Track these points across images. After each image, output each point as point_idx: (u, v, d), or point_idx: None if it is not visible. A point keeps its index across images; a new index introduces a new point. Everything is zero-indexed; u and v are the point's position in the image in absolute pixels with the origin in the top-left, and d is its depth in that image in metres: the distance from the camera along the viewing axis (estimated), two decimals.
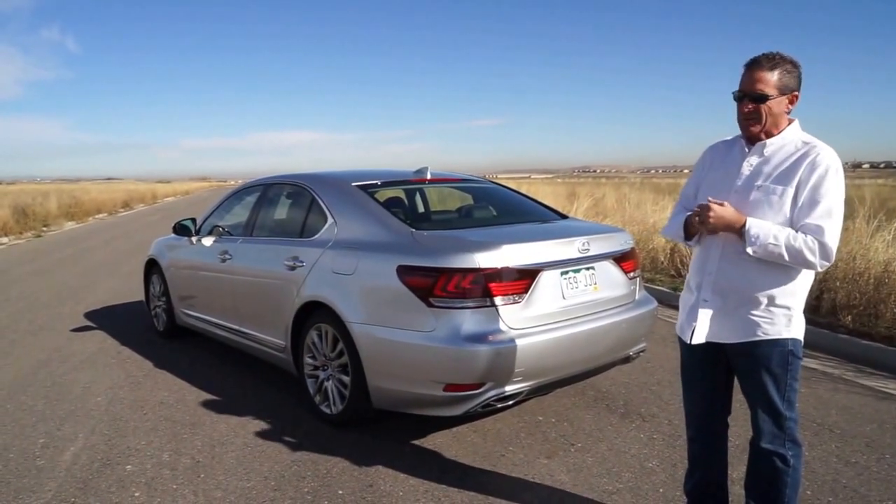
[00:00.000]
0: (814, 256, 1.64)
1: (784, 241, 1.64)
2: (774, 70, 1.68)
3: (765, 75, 1.67)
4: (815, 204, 1.65)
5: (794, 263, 1.67)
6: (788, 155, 1.71)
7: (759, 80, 1.67)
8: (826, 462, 2.60)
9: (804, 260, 1.65)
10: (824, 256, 1.64)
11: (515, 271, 2.56)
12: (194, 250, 4.18)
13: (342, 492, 2.41)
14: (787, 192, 1.68)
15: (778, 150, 1.73)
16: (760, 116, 1.70)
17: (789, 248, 1.64)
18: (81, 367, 4.05)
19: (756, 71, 1.68)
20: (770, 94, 1.68)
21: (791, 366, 1.75)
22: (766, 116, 1.70)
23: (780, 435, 1.78)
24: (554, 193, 13.64)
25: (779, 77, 1.68)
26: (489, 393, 2.51)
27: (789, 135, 1.73)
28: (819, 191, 1.65)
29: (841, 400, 3.30)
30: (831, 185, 1.65)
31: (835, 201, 1.66)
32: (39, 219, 15.62)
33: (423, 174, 3.53)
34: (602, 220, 8.56)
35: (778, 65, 1.68)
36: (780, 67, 1.68)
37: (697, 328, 1.82)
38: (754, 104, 1.69)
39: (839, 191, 1.67)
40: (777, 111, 1.71)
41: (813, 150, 1.69)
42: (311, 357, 3.10)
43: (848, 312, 4.43)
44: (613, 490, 2.40)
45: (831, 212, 1.65)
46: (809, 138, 1.73)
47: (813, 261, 1.64)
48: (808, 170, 1.66)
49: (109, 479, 2.54)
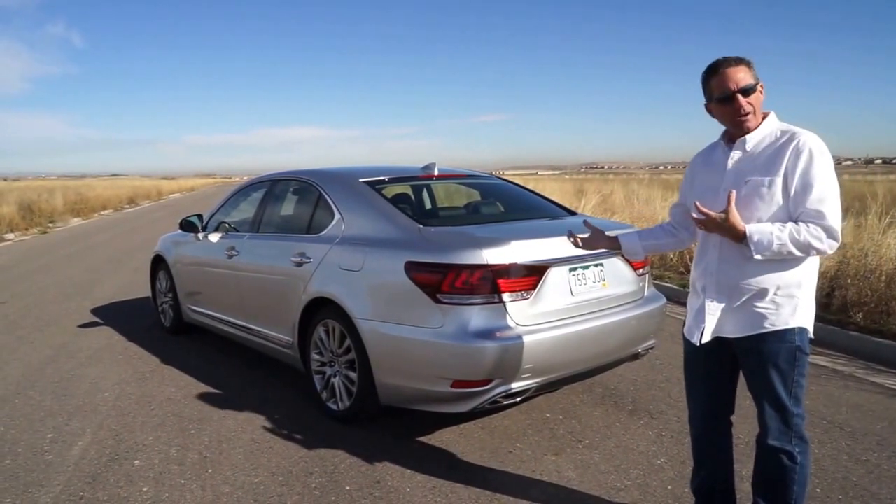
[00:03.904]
0: (821, 243, 1.65)
1: (788, 238, 1.64)
2: (741, 65, 1.71)
3: (740, 69, 1.70)
4: (808, 189, 1.65)
5: (806, 255, 1.68)
6: (770, 145, 1.72)
7: (738, 73, 1.69)
8: (836, 460, 2.57)
9: (814, 249, 1.66)
10: (832, 238, 1.65)
11: (524, 268, 2.54)
12: (201, 247, 4.18)
13: (349, 487, 2.41)
14: (776, 182, 1.68)
15: (759, 142, 1.74)
16: (755, 109, 1.72)
17: (796, 243, 1.64)
18: (89, 362, 4.06)
19: (729, 69, 1.70)
20: (756, 83, 1.70)
21: (798, 361, 1.74)
22: (756, 107, 1.72)
23: (787, 432, 1.76)
24: (561, 190, 13.58)
25: (747, 68, 1.71)
26: (497, 390, 2.50)
27: (767, 127, 1.75)
28: (809, 175, 1.65)
29: (851, 397, 3.27)
30: (819, 167, 1.65)
31: (827, 182, 1.65)
32: (45, 215, 15.71)
33: (430, 170, 3.52)
34: (610, 216, 8.51)
35: (741, 61, 1.71)
36: (743, 62, 1.71)
37: (707, 327, 1.82)
38: (747, 98, 1.70)
39: (829, 171, 1.67)
40: (760, 101, 1.74)
41: (794, 136, 1.69)
42: (318, 353, 3.10)
43: (859, 309, 4.39)
44: (621, 487, 2.38)
45: (826, 193, 1.65)
46: (787, 126, 1.74)
47: (822, 247, 1.65)
48: (793, 156, 1.67)
49: (118, 474, 2.55)
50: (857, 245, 4.74)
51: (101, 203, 21.30)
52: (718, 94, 1.72)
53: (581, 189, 13.28)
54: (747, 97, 1.70)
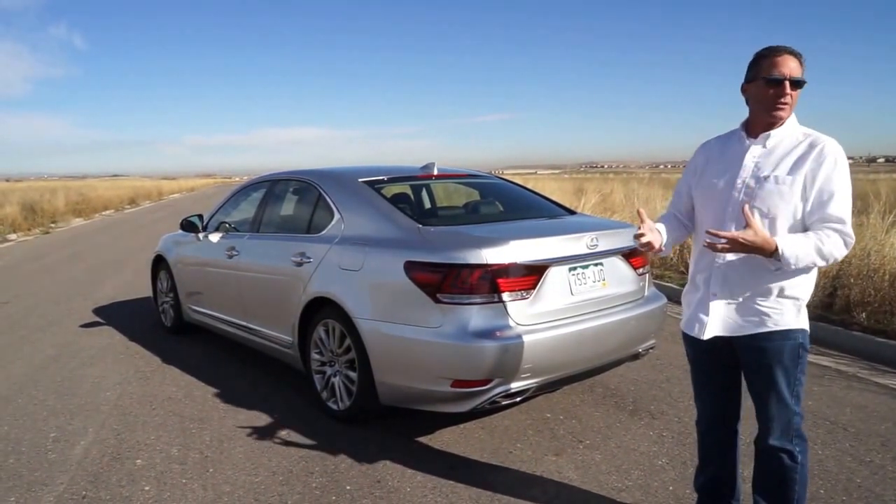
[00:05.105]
0: (840, 252, 1.66)
1: (814, 249, 1.64)
2: (799, 58, 1.71)
3: (796, 60, 1.70)
4: (831, 195, 1.66)
5: (826, 264, 1.69)
6: (792, 146, 1.72)
7: (797, 67, 1.70)
8: (840, 461, 2.56)
9: (833, 258, 1.67)
10: (847, 247, 1.68)
11: (523, 267, 2.54)
12: (201, 246, 4.19)
13: (350, 487, 2.41)
14: (797, 182, 1.69)
15: (781, 141, 1.74)
16: (793, 103, 1.72)
17: (820, 254, 1.64)
18: (91, 362, 4.07)
19: (793, 58, 1.71)
20: (804, 79, 1.71)
21: (801, 359, 1.75)
22: (793, 102, 1.72)
23: (789, 431, 1.76)
24: (561, 189, 13.56)
25: (801, 65, 1.71)
26: (496, 389, 2.49)
27: (790, 127, 1.75)
28: (833, 182, 1.67)
29: (855, 398, 3.26)
30: (841, 175, 1.68)
31: (848, 191, 1.69)
32: (47, 215, 15.75)
33: (429, 170, 3.52)
34: (610, 215, 8.50)
35: (799, 55, 1.72)
36: (800, 57, 1.72)
37: (710, 322, 1.81)
38: (793, 89, 1.70)
39: (849, 180, 1.70)
40: (795, 101, 1.73)
41: (817, 141, 1.70)
42: (318, 353, 3.10)
43: (862, 309, 4.37)
44: (622, 487, 2.38)
45: (847, 202, 1.68)
46: (809, 130, 1.75)
47: (839, 256, 1.67)
48: (815, 161, 1.67)
49: (120, 473, 2.55)
50: (860, 244, 4.71)
51: (103, 203, 21.35)
52: (768, 75, 1.69)
53: (581, 188, 13.25)
54: (794, 90, 1.70)
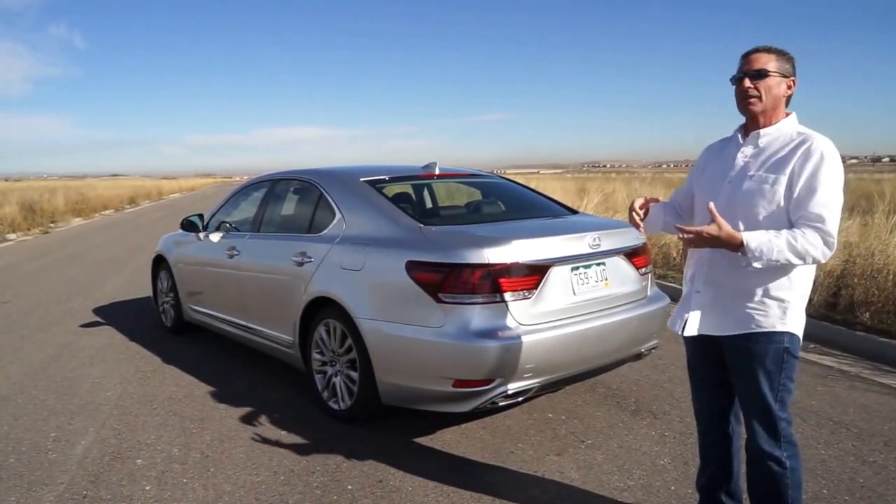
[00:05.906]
0: (816, 250, 1.61)
1: (786, 245, 1.60)
2: (770, 53, 1.72)
3: (762, 56, 1.71)
4: (812, 192, 1.62)
5: (802, 263, 1.64)
6: (783, 145, 1.70)
7: (757, 60, 1.71)
8: (843, 461, 2.55)
9: (810, 257, 1.62)
10: (827, 245, 1.61)
11: (525, 267, 2.53)
12: (202, 246, 4.18)
13: (351, 487, 2.40)
14: (780, 181, 1.65)
15: (773, 140, 1.72)
16: (761, 94, 1.70)
17: (793, 250, 1.60)
18: (91, 362, 4.06)
19: (753, 54, 1.73)
20: (769, 69, 1.69)
21: (786, 364, 1.70)
22: (765, 95, 1.70)
23: (775, 436, 1.74)
24: (563, 189, 13.54)
25: (776, 59, 1.71)
26: (498, 389, 2.48)
27: (785, 126, 1.73)
28: (816, 178, 1.62)
29: (858, 398, 3.25)
30: (827, 172, 1.62)
31: (832, 189, 1.62)
32: (47, 215, 15.76)
33: (431, 169, 3.51)
34: (612, 215, 8.48)
35: (773, 50, 1.72)
36: (776, 52, 1.72)
37: (689, 320, 1.81)
38: (753, 81, 1.70)
39: (837, 179, 1.64)
40: (776, 93, 1.71)
41: (807, 139, 1.67)
42: (319, 353, 3.09)
43: (866, 309, 4.36)
44: (624, 487, 2.37)
45: (830, 199, 1.62)
46: (805, 129, 1.72)
47: (817, 255, 1.61)
48: (802, 158, 1.64)
49: (120, 473, 2.54)
50: (864, 244, 4.70)
51: (102, 203, 21.36)
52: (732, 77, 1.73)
53: (583, 188, 13.23)
54: (755, 81, 1.69)
